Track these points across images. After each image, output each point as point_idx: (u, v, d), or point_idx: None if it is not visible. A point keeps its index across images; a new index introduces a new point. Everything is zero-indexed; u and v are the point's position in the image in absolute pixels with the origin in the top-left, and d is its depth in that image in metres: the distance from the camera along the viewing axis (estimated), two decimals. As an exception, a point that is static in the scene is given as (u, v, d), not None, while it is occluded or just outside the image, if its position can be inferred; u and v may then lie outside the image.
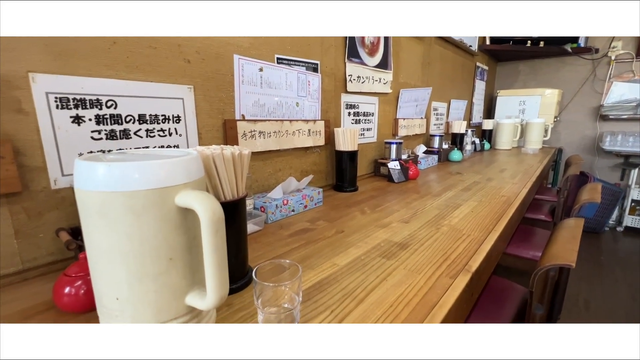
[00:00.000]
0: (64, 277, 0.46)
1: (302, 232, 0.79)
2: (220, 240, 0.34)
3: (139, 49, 0.67)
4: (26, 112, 0.55)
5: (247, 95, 0.90)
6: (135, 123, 0.68)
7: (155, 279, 0.34)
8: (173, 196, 0.33)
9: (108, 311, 0.34)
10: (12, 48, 0.53)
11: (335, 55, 1.19)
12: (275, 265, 0.46)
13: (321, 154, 1.21)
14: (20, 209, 0.56)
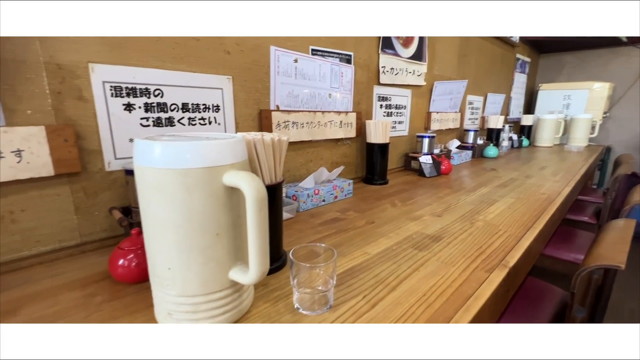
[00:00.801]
0: (118, 250, 0.51)
1: (333, 221, 0.80)
2: (263, 219, 0.35)
3: (184, 41, 0.70)
4: (86, 99, 0.60)
5: (282, 86, 0.92)
6: (179, 111, 0.72)
7: (203, 252, 0.36)
8: (221, 175, 0.35)
9: (160, 280, 0.37)
10: (75, 40, 0.57)
11: (369, 47, 1.17)
12: (311, 248, 0.48)
13: (351, 146, 1.21)
14: (80, 187, 0.62)
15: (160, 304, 0.39)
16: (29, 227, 0.57)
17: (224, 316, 0.40)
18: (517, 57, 2.50)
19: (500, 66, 2.27)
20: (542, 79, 2.99)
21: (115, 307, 0.45)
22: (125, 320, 0.42)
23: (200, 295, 0.37)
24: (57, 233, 0.61)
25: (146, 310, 0.44)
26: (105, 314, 0.44)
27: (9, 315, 0.43)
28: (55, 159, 0.57)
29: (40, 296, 0.48)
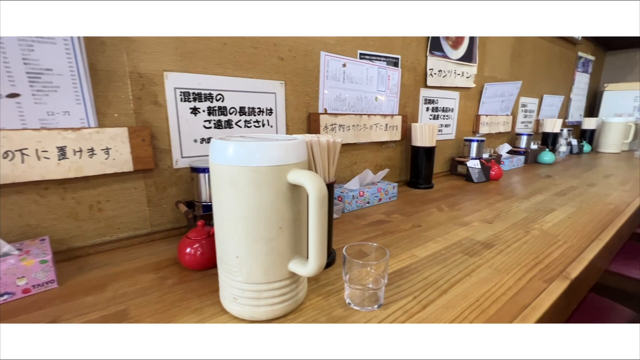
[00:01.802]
0: (186, 239, 0.56)
1: (378, 223, 0.81)
2: (324, 215, 0.38)
3: (243, 49, 0.76)
4: (160, 104, 0.67)
5: (330, 90, 0.95)
6: (236, 114, 0.78)
7: (267, 243, 0.39)
8: (285, 173, 0.38)
9: (228, 267, 0.41)
10: (154, 51, 0.65)
11: (417, 49, 1.16)
12: (363, 247, 0.49)
13: (396, 149, 1.20)
14: (152, 182, 0.69)
15: (227, 288, 0.43)
16: (112, 215, 0.66)
17: (282, 305, 0.43)
18: (579, 55, 2.30)
19: (558, 66, 2.11)
20: (608, 79, 2.72)
21: (184, 290, 0.50)
22: (194, 302, 0.47)
23: (263, 284, 0.41)
24: (133, 222, 0.68)
25: (211, 294, 0.49)
26: (176, 295, 0.49)
27: (100, 290, 0.50)
28: (135, 156, 0.64)
29: (122, 276, 0.55)
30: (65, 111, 0.57)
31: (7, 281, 0.46)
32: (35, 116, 0.54)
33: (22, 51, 0.51)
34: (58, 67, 0.54)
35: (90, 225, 0.64)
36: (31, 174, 0.55)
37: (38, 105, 0.54)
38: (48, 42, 0.52)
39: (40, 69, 0.53)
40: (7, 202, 0.56)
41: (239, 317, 0.43)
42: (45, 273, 0.49)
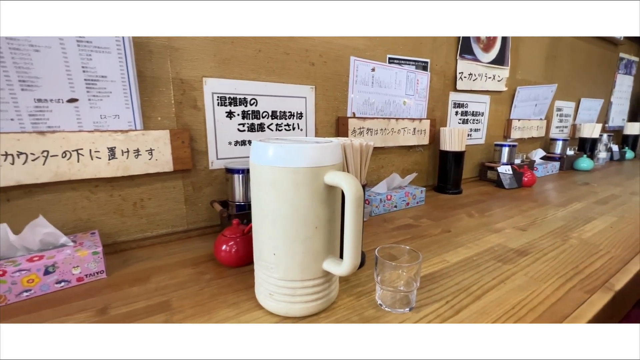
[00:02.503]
0: (222, 237, 0.59)
1: (406, 227, 0.80)
2: (359, 215, 0.39)
3: (277, 55, 0.79)
4: (199, 108, 0.71)
5: (359, 94, 0.96)
6: (268, 118, 0.81)
7: (304, 242, 0.41)
8: (323, 175, 0.40)
9: (266, 264, 0.43)
10: (194, 59, 0.69)
11: (447, 53, 1.15)
12: (395, 249, 0.50)
13: (424, 153, 1.19)
14: (189, 182, 0.73)
15: (263, 284, 0.45)
16: (153, 212, 0.70)
17: (316, 303, 0.44)
18: (621, 56, 2.18)
19: (598, 68, 2.01)
20: (653, 81, 2.54)
21: (220, 285, 0.53)
22: (230, 296, 0.49)
23: (299, 281, 0.42)
24: (171, 219, 0.72)
25: (246, 290, 0.51)
26: (214, 289, 0.51)
27: (144, 282, 0.53)
28: (175, 157, 0.68)
29: (163, 269, 0.58)
30: (115, 115, 0.61)
31: (64, 270, 0.51)
32: (90, 119, 0.59)
33: (81, 60, 0.56)
34: (112, 74, 0.59)
35: (133, 221, 0.68)
36: (85, 172, 0.60)
37: (93, 110, 0.59)
38: (104, 52, 0.57)
39: (97, 76, 0.58)
40: (63, 197, 0.61)
41: (274, 312, 0.44)
42: (96, 264, 0.53)
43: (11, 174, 0.54)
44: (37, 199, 0.58)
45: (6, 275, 0.46)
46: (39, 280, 0.49)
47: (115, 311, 0.45)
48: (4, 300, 0.46)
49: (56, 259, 0.50)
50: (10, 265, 0.47)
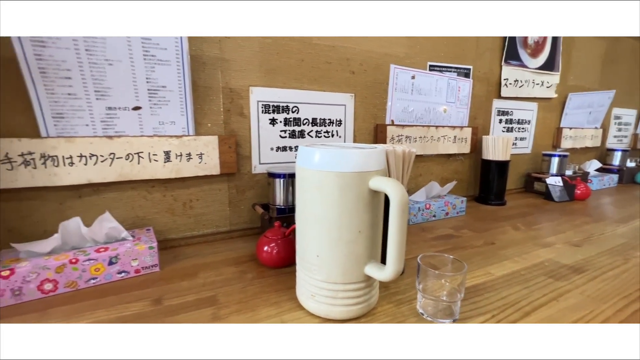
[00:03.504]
0: (264, 238, 0.61)
1: (447, 237, 0.78)
2: (404, 221, 0.39)
3: (318, 65, 0.81)
4: (245, 115, 0.75)
5: (398, 102, 0.95)
6: (309, 125, 0.83)
7: (347, 245, 0.41)
8: (367, 180, 0.40)
9: (308, 265, 0.44)
10: (243, 69, 0.73)
11: (491, 59, 1.11)
12: (437, 258, 0.49)
13: (464, 162, 1.15)
14: (233, 185, 0.77)
15: (305, 285, 0.46)
16: (200, 213, 0.74)
17: (357, 307, 0.44)
18: (693, 59, 1.96)
19: (664, 72, 1.82)
20: None
21: (262, 284, 0.55)
22: (272, 295, 0.51)
23: (340, 284, 0.43)
24: (216, 220, 0.76)
25: (287, 290, 0.52)
26: (256, 287, 0.54)
27: (193, 277, 0.57)
28: (222, 161, 0.72)
29: (209, 266, 0.61)
30: (172, 121, 0.67)
31: (124, 261, 0.55)
32: (150, 125, 0.65)
33: (146, 72, 0.62)
34: (170, 84, 0.64)
35: (182, 220, 0.73)
36: (144, 173, 0.65)
37: (153, 116, 0.65)
38: (165, 64, 0.63)
39: (158, 86, 0.64)
40: (124, 196, 0.67)
41: (315, 313, 0.45)
42: (151, 258, 0.58)
43: (84, 173, 0.60)
44: (103, 196, 0.65)
45: (78, 263, 0.52)
46: (104, 270, 0.54)
47: (168, 302, 0.49)
48: (75, 286, 0.52)
49: (119, 251, 0.55)
50: (81, 254, 0.53)
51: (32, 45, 0.52)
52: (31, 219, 0.60)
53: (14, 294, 0.48)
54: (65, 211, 0.62)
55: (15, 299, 0.48)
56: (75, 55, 0.56)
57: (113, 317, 0.45)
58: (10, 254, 0.53)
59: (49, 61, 0.54)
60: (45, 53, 0.54)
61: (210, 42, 0.68)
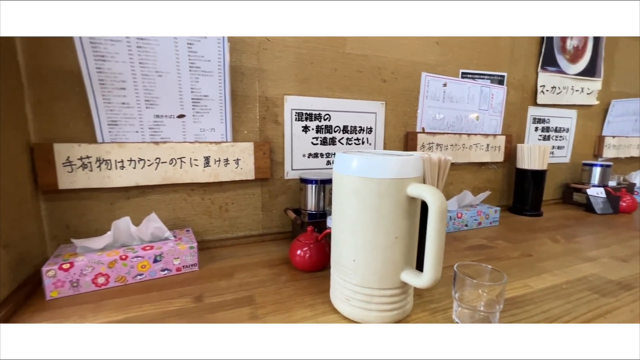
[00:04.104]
0: (297, 242, 0.63)
1: (480, 247, 0.76)
2: (442, 228, 0.39)
3: (351, 74, 0.83)
4: (279, 123, 0.78)
5: (429, 110, 0.95)
6: (340, 132, 0.85)
7: (384, 251, 0.42)
8: (405, 187, 0.41)
9: (344, 269, 0.45)
10: (278, 79, 0.76)
11: (526, 66, 1.09)
12: (473, 267, 0.48)
13: (498, 170, 1.12)
14: (267, 190, 0.80)
15: (340, 289, 0.47)
16: (234, 216, 0.77)
17: (392, 313, 0.44)
18: None
19: None
20: None
21: (296, 287, 0.56)
22: (306, 298, 0.52)
23: (376, 289, 0.43)
24: (249, 223, 0.79)
25: (320, 293, 0.53)
26: (290, 290, 0.55)
27: (229, 277, 0.59)
28: (257, 167, 0.75)
29: (244, 267, 0.64)
30: (212, 128, 0.70)
31: (167, 259, 0.59)
32: (192, 132, 0.69)
33: (191, 82, 0.66)
34: (212, 93, 0.68)
35: (218, 222, 0.76)
36: (185, 177, 0.69)
37: (195, 124, 0.69)
38: (208, 75, 0.67)
39: (201, 96, 0.68)
40: (167, 198, 0.71)
41: (349, 317, 0.46)
42: (191, 257, 0.61)
43: (132, 176, 0.65)
44: (149, 198, 0.69)
45: (127, 260, 0.56)
46: (149, 267, 0.57)
47: (208, 300, 0.51)
48: (124, 281, 0.56)
49: (163, 250, 0.58)
50: (130, 251, 0.57)
51: (94, 59, 0.58)
52: (86, 217, 0.65)
53: (72, 285, 0.52)
54: (114, 211, 0.67)
55: (73, 290, 0.52)
56: (130, 68, 0.61)
57: (159, 312, 0.48)
58: (67, 249, 0.58)
59: (107, 73, 0.60)
60: (104, 66, 0.59)
61: (249, 54, 0.72)
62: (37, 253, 0.60)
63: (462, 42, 0.96)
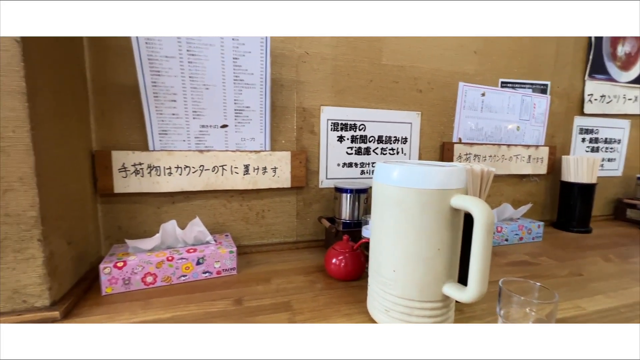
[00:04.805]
0: (333, 250, 0.63)
1: (523, 264, 0.73)
2: (489, 242, 0.38)
3: (386, 84, 0.84)
4: (315, 132, 0.80)
5: (466, 119, 0.93)
6: (374, 142, 0.85)
7: (425, 262, 0.42)
8: (448, 198, 0.40)
9: (383, 279, 0.45)
10: (315, 90, 0.78)
11: (572, 74, 1.03)
12: (520, 284, 0.46)
13: (540, 183, 1.06)
14: (301, 198, 0.81)
15: (378, 300, 0.46)
16: (270, 223, 0.80)
17: (433, 326, 0.43)
18: None
19: None
20: None
21: (332, 295, 0.56)
22: (343, 307, 0.52)
23: (417, 301, 0.43)
24: (284, 230, 0.81)
25: (356, 303, 0.53)
26: (326, 298, 0.55)
27: (266, 282, 0.61)
28: (293, 175, 0.77)
29: (280, 274, 0.65)
30: (252, 138, 0.73)
31: (209, 262, 0.62)
32: (234, 141, 0.72)
33: (235, 94, 0.70)
34: (253, 104, 0.72)
35: (255, 228, 0.79)
36: (226, 184, 0.72)
37: (237, 133, 0.72)
38: (251, 87, 0.70)
39: (243, 107, 0.71)
40: (208, 203, 0.74)
41: (388, 329, 0.45)
42: (231, 261, 0.64)
43: (178, 182, 0.69)
44: (192, 203, 0.73)
45: (173, 261, 0.59)
46: (192, 269, 0.60)
47: (247, 303, 0.53)
48: (169, 281, 0.59)
49: (205, 253, 0.61)
50: (175, 253, 0.60)
51: (151, 74, 0.63)
52: (136, 220, 0.69)
53: (124, 282, 0.56)
54: (161, 214, 0.71)
55: (124, 287, 0.56)
56: (181, 82, 0.65)
57: (202, 312, 0.50)
58: (120, 249, 0.62)
59: (161, 87, 0.65)
60: (159, 80, 0.64)
61: (288, 67, 0.75)
62: (93, 251, 0.65)
63: (502, 51, 0.94)
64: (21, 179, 0.44)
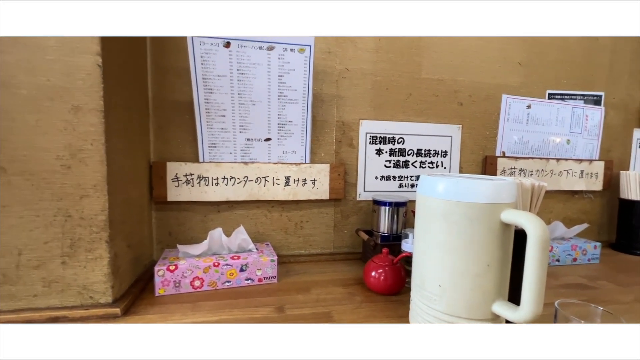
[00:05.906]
0: (372, 262, 0.63)
1: (578, 287, 0.67)
2: (545, 259, 0.36)
3: (426, 98, 0.83)
4: (353, 146, 0.81)
5: (511, 133, 0.90)
6: (413, 155, 0.84)
7: (473, 278, 0.40)
8: (498, 212, 0.39)
9: (428, 294, 0.44)
10: (355, 104, 0.80)
11: (629, 83, 0.97)
12: (581, 307, 0.43)
13: (594, 200, 0.99)
14: (339, 210, 0.82)
15: (422, 315, 0.45)
16: (308, 233, 0.81)
17: (482, 347, 0.41)
18: None
19: None
20: None
21: (372, 309, 0.56)
22: (384, 321, 0.52)
23: (464, 319, 0.41)
24: (321, 242, 0.82)
25: (398, 318, 0.52)
26: (366, 311, 0.55)
27: (306, 292, 0.62)
28: (331, 187, 0.79)
29: (319, 284, 0.66)
30: (293, 151, 0.76)
31: (251, 270, 0.64)
32: (276, 154, 0.76)
33: (279, 109, 0.73)
34: (296, 119, 0.75)
35: (293, 239, 0.80)
36: (267, 195, 0.75)
37: (279, 146, 0.75)
38: (294, 103, 0.74)
39: (286, 121, 0.74)
40: (250, 213, 0.78)
41: (433, 346, 0.44)
42: (272, 269, 0.65)
43: (224, 192, 0.73)
44: (235, 212, 0.77)
45: (219, 267, 0.62)
46: (236, 275, 0.63)
47: (289, 312, 0.54)
48: (215, 285, 0.62)
49: (248, 260, 0.64)
50: (221, 260, 0.63)
51: (204, 92, 0.68)
52: (185, 226, 0.74)
53: (175, 285, 0.60)
54: (207, 222, 0.75)
55: (175, 290, 0.60)
56: (230, 99, 0.70)
57: (246, 318, 0.52)
58: (171, 253, 0.67)
59: (212, 103, 0.70)
60: (211, 97, 0.69)
61: (329, 83, 0.78)
62: (147, 255, 0.70)
63: (549, 62, 0.90)
64: (95, 186, 0.50)
